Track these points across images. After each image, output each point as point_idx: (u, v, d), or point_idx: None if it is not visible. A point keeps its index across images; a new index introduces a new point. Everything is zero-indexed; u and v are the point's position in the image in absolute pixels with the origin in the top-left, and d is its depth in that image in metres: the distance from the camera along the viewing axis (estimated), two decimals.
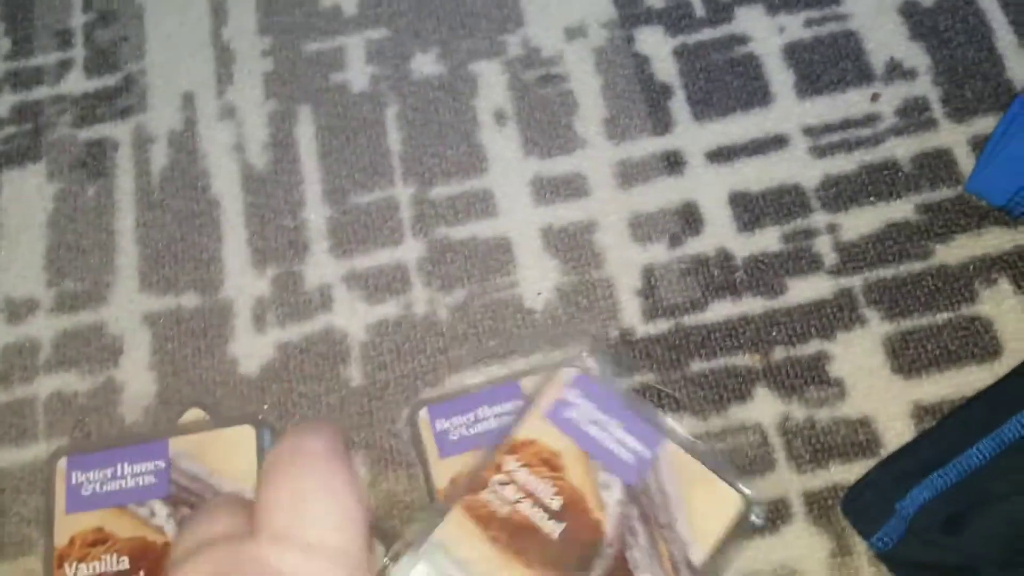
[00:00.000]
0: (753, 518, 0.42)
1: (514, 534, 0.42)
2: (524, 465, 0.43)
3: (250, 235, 0.59)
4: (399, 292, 0.57)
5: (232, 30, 0.66)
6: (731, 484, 0.42)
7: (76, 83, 0.65)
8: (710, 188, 0.57)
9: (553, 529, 0.42)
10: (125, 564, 0.44)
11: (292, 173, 0.61)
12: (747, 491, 0.43)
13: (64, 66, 0.66)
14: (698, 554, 0.41)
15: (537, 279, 0.56)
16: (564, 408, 0.44)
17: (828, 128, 0.58)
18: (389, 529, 0.48)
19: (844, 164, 0.57)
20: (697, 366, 0.52)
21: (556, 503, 0.42)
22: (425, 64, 0.63)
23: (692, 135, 0.59)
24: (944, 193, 0.56)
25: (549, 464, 0.43)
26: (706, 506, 0.42)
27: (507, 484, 0.42)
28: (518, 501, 0.42)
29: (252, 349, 0.56)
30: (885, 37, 0.61)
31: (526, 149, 0.60)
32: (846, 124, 0.58)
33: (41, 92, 0.65)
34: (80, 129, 0.63)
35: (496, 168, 0.59)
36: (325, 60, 0.64)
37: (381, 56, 0.64)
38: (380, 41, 0.64)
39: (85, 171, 0.62)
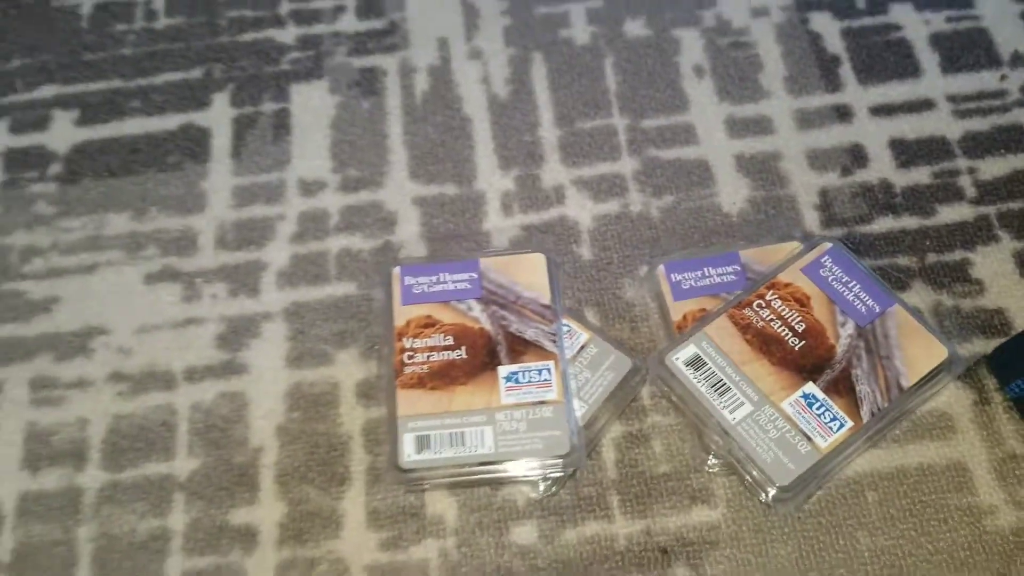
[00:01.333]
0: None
1: (764, 340, 0.56)
2: (779, 298, 0.57)
3: (496, 145, 0.74)
4: (618, 195, 0.71)
5: None
6: (942, 341, 0.56)
7: (349, 24, 0.81)
8: (873, 135, 0.72)
9: (795, 343, 0.56)
10: (451, 341, 0.58)
11: (528, 103, 0.76)
12: (953, 348, 0.56)
13: (338, 10, 0.82)
14: (907, 381, 0.55)
15: (731, 192, 0.70)
16: (818, 267, 0.58)
17: (966, 98, 0.73)
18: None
19: (980, 125, 0.72)
20: (867, 262, 0.66)
21: (800, 327, 0.56)
22: (635, 28, 0.79)
23: (858, 95, 0.74)
24: None
25: (799, 302, 0.57)
26: (919, 352, 0.56)
27: (764, 307, 0.57)
28: (771, 320, 0.56)
29: (503, 228, 0.70)
30: (1009, 34, 0.76)
31: (720, 96, 0.75)
32: (980, 96, 0.73)
33: (320, 28, 0.81)
34: (354, 58, 0.79)
35: (695, 109, 0.74)
36: (553, 20, 0.80)
37: (598, 19, 0.79)
38: (597, 9, 0.80)
39: (360, 89, 0.77)
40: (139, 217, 0.72)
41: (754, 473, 0.54)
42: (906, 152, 0.71)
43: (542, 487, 0.58)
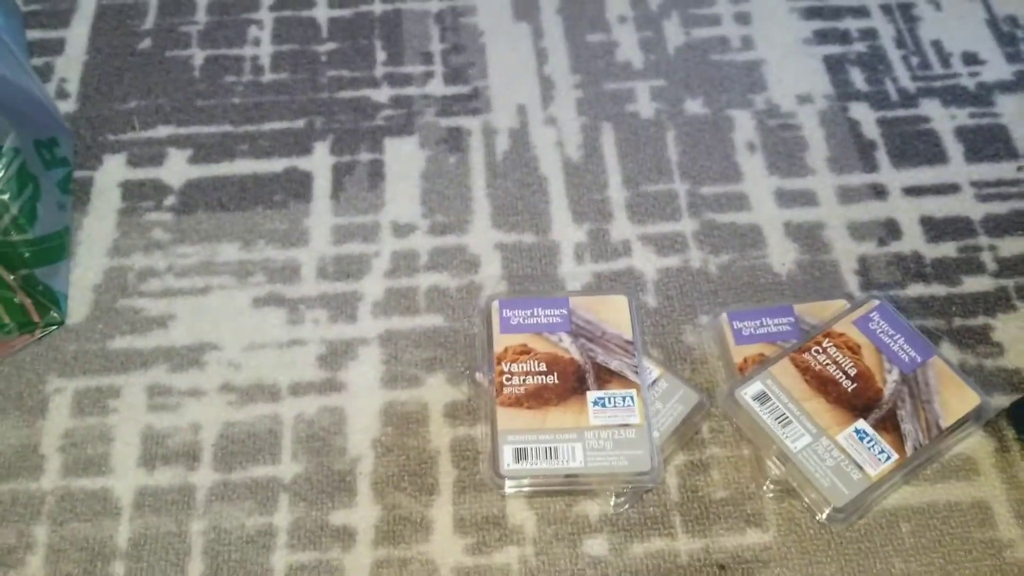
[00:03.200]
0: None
1: (821, 381, 0.64)
2: (834, 345, 0.65)
3: (570, 201, 0.83)
4: (680, 251, 0.80)
5: (551, 67, 0.91)
6: (975, 390, 0.65)
7: (437, 88, 0.90)
8: (906, 212, 0.81)
9: (848, 385, 0.64)
10: (543, 367, 0.66)
11: (598, 166, 0.85)
12: (984, 397, 0.65)
13: (428, 76, 0.91)
14: (944, 422, 0.64)
15: (781, 254, 0.79)
16: (867, 322, 0.67)
17: (987, 184, 0.83)
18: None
19: (999, 208, 0.82)
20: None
21: (852, 371, 0.65)
22: (694, 107, 0.89)
23: (892, 176, 0.83)
24: None
25: (851, 349, 0.65)
26: (954, 398, 0.64)
27: (821, 353, 0.65)
28: (827, 364, 0.65)
29: (575, 274, 0.78)
30: None
31: (770, 170, 0.84)
32: (1000, 183, 0.83)
33: (411, 91, 0.90)
34: (442, 118, 0.88)
35: (748, 180, 0.84)
36: (620, 96, 0.90)
37: (661, 97, 0.89)
38: (660, 87, 0.90)
39: (447, 146, 0.86)
40: (247, 247, 0.80)
41: (812, 495, 0.62)
42: (935, 228, 0.80)
43: (613, 502, 0.66)
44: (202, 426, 0.72)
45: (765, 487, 0.65)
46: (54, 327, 0.76)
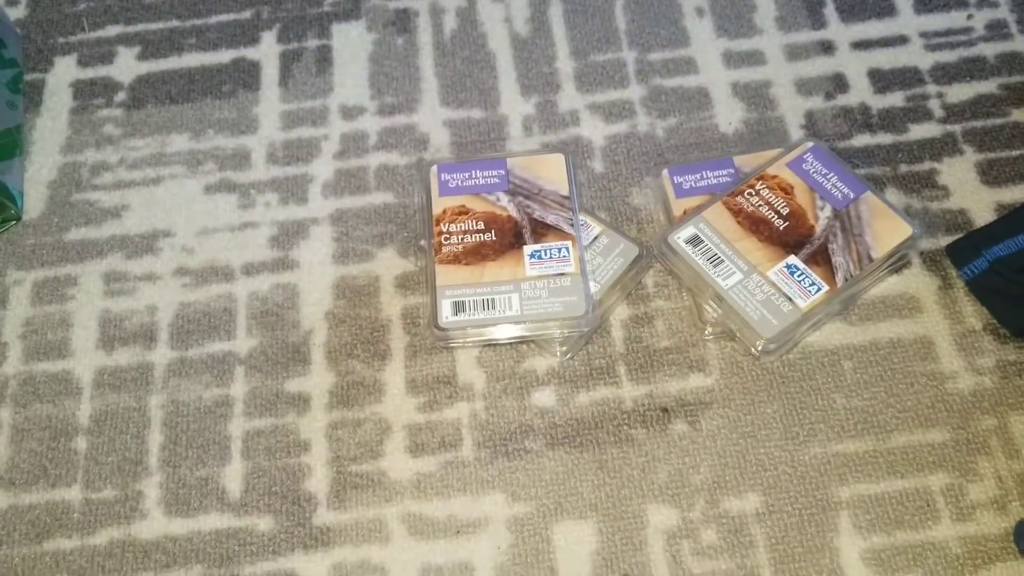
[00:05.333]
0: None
1: (754, 222, 0.64)
2: (767, 187, 0.66)
3: (518, 75, 0.83)
4: (627, 117, 0.80)
5: None
6: (907, 221, 0.65)
7: None
8: (854, 66, 0.81)
9: (780, 224, 0.64)
10: (481, 226, 0.66)
11: (547, 39, 0.85)
12: (916, 228, 0.65)
13: None
14: (875, 252, 0.64)
15: (727, 114, 0.79)
16: (801, 163, 0.67)
17: (937, 34, 0.82)
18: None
19: (948, 56, 0.81)
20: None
21: (784, 211, 0.65)
22: None
23: (840, 32, 0.83)
24: (1018, 79, 0.79)
25: (784, 190, 0.66)
26: (886, 229, 0.64)
27: (754, 195, 0.65)
28: (759, 205, 0.65)
29: (523, 145, 0.79)
30: None
31: (718, 33, 0.84)
32: (949, 32, 0.82)
33: None
34: (389, 1, 0.88)
35: (696, 43, 0.83)
36: None
37: None
38: None
39: (395, 28, 0.86)
40: (197, 137, 0.81)
41: (745, 331, 0.63)
42: (882, 80, 0.80)
43: (559, 352, 0.67)
44: (158, 308, 0.73)
45: (706, 331, 0.66)
46: (12, 223, 0.77)
